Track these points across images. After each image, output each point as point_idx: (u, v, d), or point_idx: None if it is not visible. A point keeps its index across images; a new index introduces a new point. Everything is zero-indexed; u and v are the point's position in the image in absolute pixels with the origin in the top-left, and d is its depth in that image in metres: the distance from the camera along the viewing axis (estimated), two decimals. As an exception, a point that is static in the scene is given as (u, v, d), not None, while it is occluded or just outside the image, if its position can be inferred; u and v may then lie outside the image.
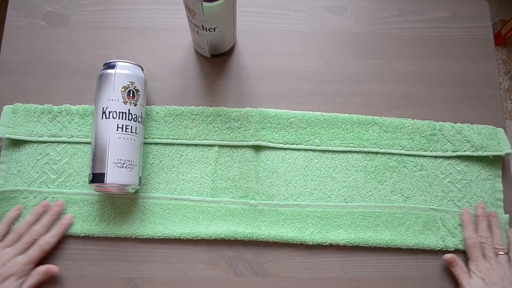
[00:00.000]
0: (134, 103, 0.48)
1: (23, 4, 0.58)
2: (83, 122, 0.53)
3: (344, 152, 0.53)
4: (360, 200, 0.52)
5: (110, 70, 0.48)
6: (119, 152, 0.46)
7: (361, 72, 0.58)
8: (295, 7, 0.60)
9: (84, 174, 0.51)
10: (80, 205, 0.50)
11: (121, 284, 0.49)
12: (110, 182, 0.45)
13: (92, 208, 0.50)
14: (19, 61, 0.56)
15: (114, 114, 0.46)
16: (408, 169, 0.53)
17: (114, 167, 0.45)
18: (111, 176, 0.45)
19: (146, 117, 0.53)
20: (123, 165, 0.46)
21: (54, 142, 0.52)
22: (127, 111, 0.47)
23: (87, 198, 0.50)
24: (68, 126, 0.53)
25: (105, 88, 0.48)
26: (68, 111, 0.53)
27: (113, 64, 0.48)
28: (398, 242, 0.50)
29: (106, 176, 0.45)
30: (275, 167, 0.52)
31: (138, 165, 0.48)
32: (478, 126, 0.55)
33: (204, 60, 0.57)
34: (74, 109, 0.53)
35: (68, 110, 0.53)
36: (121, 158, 0.46)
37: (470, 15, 0.61)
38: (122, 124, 0.46)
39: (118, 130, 0.46)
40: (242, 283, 0.49)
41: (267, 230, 0.50)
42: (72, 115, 0.53)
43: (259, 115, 0.53)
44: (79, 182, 0.51)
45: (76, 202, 0.50)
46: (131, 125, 0.47)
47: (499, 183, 0.53)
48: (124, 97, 0.47)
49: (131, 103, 0.47)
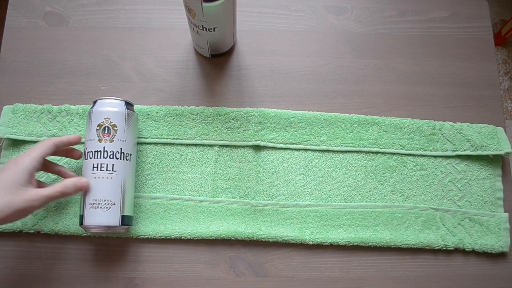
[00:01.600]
0: (110, 140, 0.46)
1: (23, 4, 0.58)
2: (83, 122, 0.53)
3: (344, 152, 0.53)
4: (360, 200, 0.52)
5: (91, 110, 0.47)
6: (94, 192, 0.45)
7: (361, 72, 0.58)
8: (295, 7, 0.60)
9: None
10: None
11: (121, 284, 0.49)
12: (87, 224, 0.45)
13: None
14: (19, 61, 0.56)
15: (90, 154, 0.46)
16: (408, 169, 0.53)
17: (90, 208, 0.44)
18: (87, 218, 0.44)
19: (146, 117, 0.53)
20: (98, 206, 0.44)
21: None
22: (102, 149, 0.45)
23: None
24: (68, 126, 0.53)
25: (87, 129, 0.47)
26: (68, 111, 0.53)
27: (94, 103, 0.48)
28: (398, 242, 0.50)
29: (84, 218, 0.45)
30: (275, 167, 0.53)
31: (118, 204, 0.46)
32: (478, 125, 0.55)
33: (204, 60, 0.57)
34: (74, 109, 0.53)
35: (68, 110, 0.53)
36: (96, 199, 0.44)
37: (470, 15, 0.61)
38: (97, 163, 0.45)
39: (93, 170, 0.45)
40: (242, 283, 0.49)
41: (267, 230, 0.50)
42: (72, 115, 0.53)
43: (259, 115, 0.53)
44: (79, 182, 0.51)
45: (77, 202, 0.50)
46: (107, 163, 0.45)
47: (499, 182, 0.53)
48: (99, 135, 0.46)
49: (107, 140, 0.46)
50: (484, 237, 0.51)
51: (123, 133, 0.47)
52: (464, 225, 0.51)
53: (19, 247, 0.49)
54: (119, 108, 0.47)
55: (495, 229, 0.51)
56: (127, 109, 0.48)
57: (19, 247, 0.49)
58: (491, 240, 0.51)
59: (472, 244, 0.51)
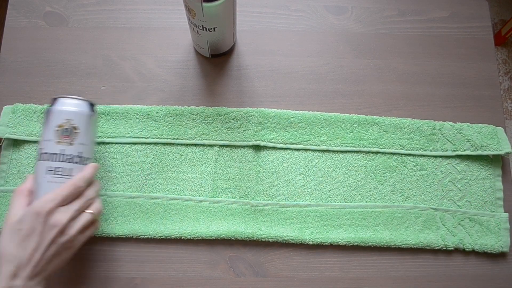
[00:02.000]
0: (70, 143, 0.42)
1: (23, 4, 0.58)
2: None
3: (344, 152, 0.53)
4: (360, 200, 0.52)
5: (51, 108, 0.44)
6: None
7: (361, 72, 0.58)
8: (295, 7, 0.60)
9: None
10: None
11: (121, 284, 0.49)
12: None
13: None
14: (19, 61, 0.56)
15: (46, 156, 0.42)
16: (408, 169, 0.53)
17: None
18: None
19: (146, 117, 0.53)
20: None
21: None
22: (60, 151, 0.42)
23: None
24: (68, 126, 0.53)
25: (44, 128, 0.44)
26: None
27: (54, 100, 0.44)
28: (398, 242, 0.50)
29: None
30: (275, 167, 0.53)
31: None
32: (478, 125, 0.55)
33: (204, 60, 0.57)
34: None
35: None
36: None
37: (470, 15, 0.61)
38: (53, 167, 0.42)
39: (48, 173, 0.42)
40: (242, 283, 0.49)
41: (267, 230, 0.50)
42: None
43: (259, 115, 0.53)
44: (79, 182, 0.51)
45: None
46: (64, 167, 0.42)
47: (499, 182, 0.53)
48: (58, 137, 0.42)
49: (66, 142, 0.42)
50: (484, 237, 0.51)
51: (84, 136, 0.44)
52: (464, 225, 0.52)
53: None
54: (82, 109, 0.44)
55: (495, 229, 0.51)
56: (90, 111, 0.45)
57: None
58: (491, 240, 0.51)
59: (472, 244, 0.51)
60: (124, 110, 0.53)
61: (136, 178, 0.51)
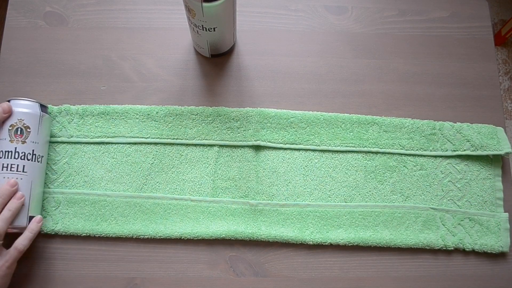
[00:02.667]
0: (23, 141, 0.46)
1: (23, 4, 0.58)
2: (82, 122, 0.53)
3: (344, 152, 0.53)
4: (360, 200, 0.52)
5: None
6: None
7: (361, 72, 0.58)
8: (295, 7, 0.60)
9: (84, 174, 0.51)
10: (81, 205, 0.50)
11: (121, 284, 0.49)
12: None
13: (93, 208, 0.50)
14: (19, 61, 0.56)
15: (0, 153, 0.46)
16: (408, 169, 0.53)
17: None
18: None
19: (146, 117, 0.53)
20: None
21: (54, 142, 0.52)
22: (14, 149, 0.45)
23: (88, 198, 0.50)
24: (67, 126, 0.53)
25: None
26: (68, 111, 0.53)
27: (8, 102, 0.47)
28: (397, 242, 0.50)
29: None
30: (275, 167, 0.53)
31: (27, 205, 0.46)
32: (478, 125, 0.55)
33: (204, 60, 0.57)
34: (73, 109, 0.53)
35: (67, 110, 0.53)
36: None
37: (470, 15, 0.61)
38: (8, 164, 0.45)
39: (2, 170, 0.45)
40: (242, 283, 0.49)
41: (267, 230, 0.50)
42: (71, 115, 0.53)
43: (259, 115, 0.53)
44: (79, 182, 0.51)
45: (77, 202, 0.50)
46: (18, 164, 0.45)
47: (499, 182, 0.53)
48: (11, 136, 0.46)
49: (19, 141, 0.46)
50: (484, 237, 0.51)
51: (36, 135, 0.47)
52: (464, 225, 0.52)
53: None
54: (33, 110, 0.48)
55: (495, 229, 0.51)
56: (41, 112, 0.48)
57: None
58: (491, 240, 0.51)
59: (472, 244, 0.51)
60: (124, 110, 0.53)
61: (136, 178, 0.51)
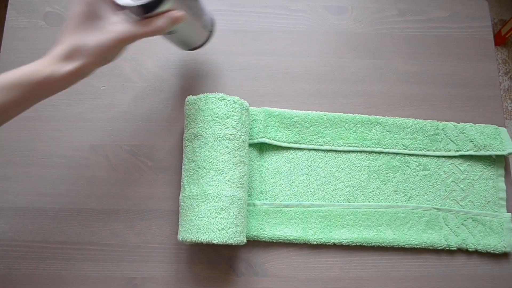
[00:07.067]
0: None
1: (23, 4, 0.58)
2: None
3: (347, 151, 0.53)
4: (363, 200, 0.52)
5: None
6: None
7: (361, 72, 0.58)
8: (295, 7, 0.60)
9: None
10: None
11: (121, 284, 0.48)
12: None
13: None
14: (19, 61, 0.56)
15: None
16: (411, 169, 0.53)
17: None
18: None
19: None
20: None
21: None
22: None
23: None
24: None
25: None
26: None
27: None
28: (401, 242, 0.50)
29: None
30: (278, 167, 0.52)
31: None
32: (481, 125, 0.55)
33: (204, 60, 0.57)
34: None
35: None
36: None
37: (469, 15, 0.61)
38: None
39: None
40: (242, 283, 0.49)
41: (271, 231, 0.49)
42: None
43: (263, 112, 0.53)
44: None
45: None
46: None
47: (502, 182, 0.53)
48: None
49: None
50: (487, 237, 0.51)
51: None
52: (467, 225, 0.51)
53: (19, 247, 0.49)
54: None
55: (498, 229, 0.51)
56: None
57: (19, 247, 0.49)
58: (494, 240, 0.51)
59: (475, 244, 0.50)
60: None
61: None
